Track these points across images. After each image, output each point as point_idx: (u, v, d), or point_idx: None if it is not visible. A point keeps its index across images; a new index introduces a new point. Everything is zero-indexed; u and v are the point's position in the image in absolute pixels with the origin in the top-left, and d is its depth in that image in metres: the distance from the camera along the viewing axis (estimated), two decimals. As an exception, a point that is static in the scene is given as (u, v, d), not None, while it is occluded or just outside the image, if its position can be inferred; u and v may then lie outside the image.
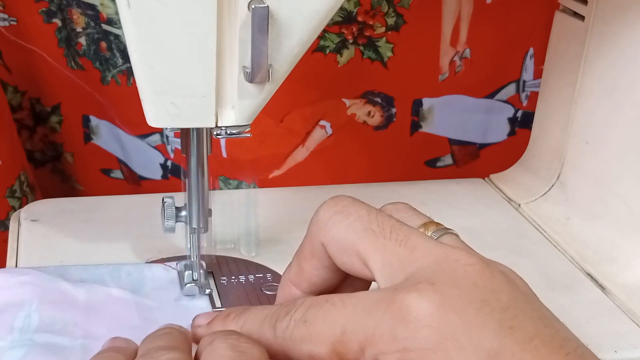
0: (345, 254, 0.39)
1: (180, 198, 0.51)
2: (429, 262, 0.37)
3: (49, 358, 0.45)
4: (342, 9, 0.73)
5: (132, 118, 0.80)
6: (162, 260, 0.56)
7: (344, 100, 0.80)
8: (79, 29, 0.75)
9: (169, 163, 0.83)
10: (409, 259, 0.37)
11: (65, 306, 0.49)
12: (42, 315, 0.48)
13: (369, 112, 0.81)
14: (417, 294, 0.35)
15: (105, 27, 0.74)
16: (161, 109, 0.43)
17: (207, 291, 0.52)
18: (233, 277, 0.54)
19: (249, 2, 0.41)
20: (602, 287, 0.57)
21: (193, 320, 0.45)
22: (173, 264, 0.55)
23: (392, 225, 0.39)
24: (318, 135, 0.81)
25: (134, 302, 0.51)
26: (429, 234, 0.40)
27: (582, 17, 0.62)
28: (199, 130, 0.48)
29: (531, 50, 0.82)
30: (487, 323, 0.34)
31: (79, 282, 0.52)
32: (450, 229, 0.41)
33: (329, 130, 0.81)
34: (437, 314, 0.34)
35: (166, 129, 0.79)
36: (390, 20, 0.76)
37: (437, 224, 0.41)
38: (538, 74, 0.81)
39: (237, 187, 0.82)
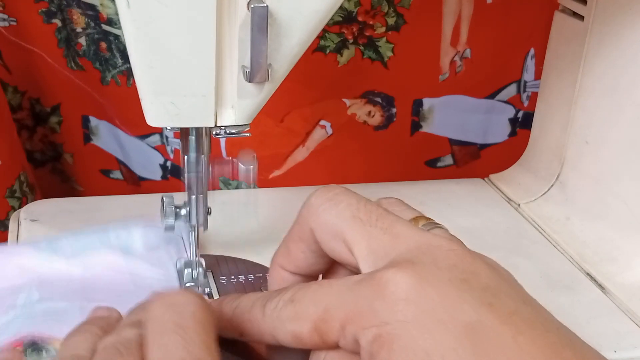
0: (332, 241, 0.40)
1: (179, 198, 0.51)
2: (411, 248, 0.37)
3: (49, 322, 0.47)
4: (342, 8, 0.73)
5: (132, 118, 0.80)
6: None
7: (344, 100, 0.80)
8: (78, 29, 0.75)
9: (168, 164, 0.83)
10: (392, 246, 0.38)
11: (63, 282, 0.51)
12: (42, 291, 0.50)
13: (369, 112, 0.81)
14: (395, 270, 0.35)
15: (105, 27, 0.74)
16: (161, 108, 0.43)
17: (207, 290, 0.52)
18: (233, 277, 0.54)
19: (249, 2, 0.41)
20: (601, 287, 0.57)
21: None
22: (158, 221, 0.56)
23: (378, 214, 0.39)
24: (318, 135, 0.81)
25: (128, 271, 0.52)
26: (418, 227, 0.40)
27: (581, 17, 0.62)
28: (198, 130, 0.48)
29: (532, 51, 0.82)
30: (466, 299, 0.34)
31: (72, 258, 0.53)
32: (439, 224, 0.41)
33: (329, 130, 0.81)
34: (414, 288, 0.34)
35: (166, 128, 0.79)
36: (391, 20, 0.75)
37: (428, 218, 0.41)
38: (539, 75, 0.81)
39: (237, 187, 0.82)
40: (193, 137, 0.48)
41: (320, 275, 0.45)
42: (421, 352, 0.33)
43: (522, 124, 0.85)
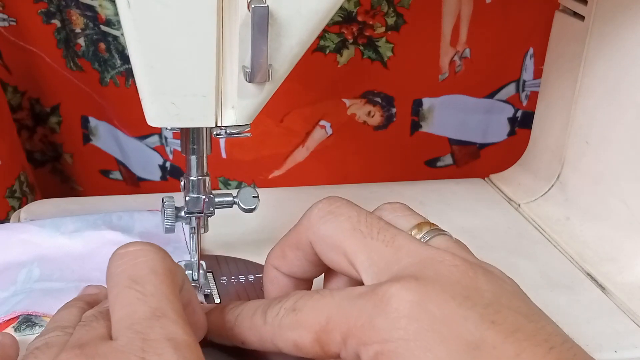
0: (332, 252, 0.40)
1: (179, 198, 0.51)
2: (414, 262, 0.37)
3: (45, 299, 0.48)
4: (342, 8, 0.73)
5: (131, 119, 0.80)
6: None
7: (344, 100, 0.80)
8: (77, 30, 0.75)
9: (167, 164, 0.83)
10: (395, 259, 0.38)
11: (63, 259, 0.53)
12: (43, 268, 0.52)
13: (369, 112, 0.81)
14: (399, 286, 0.35)
15: (103, 28, 0.74)
16: (161, 108, 0.43)
17: (207, 291, 0.52)
18: (233, 277, 0.54)
19: (249, 2, 0.41)
20: (602, 287, 0.57)
21: None
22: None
23: (380, 227, 0.39)
24: (318, 135, 0.81)
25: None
26: (422, 234, 0.40)
27: (582, 17, 0.62)
28: (198, 130, 0.48)
29: (531, 50, 0.82)
30: (469, 316, 0.34)
31: (74, 233, 0.56)
32: (444, 231, 0.41)
33: (329, 130, 0.81)
34: (417, 305, 0.34)
35: (166, 129, 0.79)
36: (390, 20, 0.75)
37: (432, 224, 0.41)
38: (538, 74, 0.81)
39: (237, 188, 0.82)
40: (193, 137, 0.48)
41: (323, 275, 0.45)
42: None
43: (521, 123, 0.85)
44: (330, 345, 0.37)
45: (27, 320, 0.47)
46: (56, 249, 0.55)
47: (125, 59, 0.75)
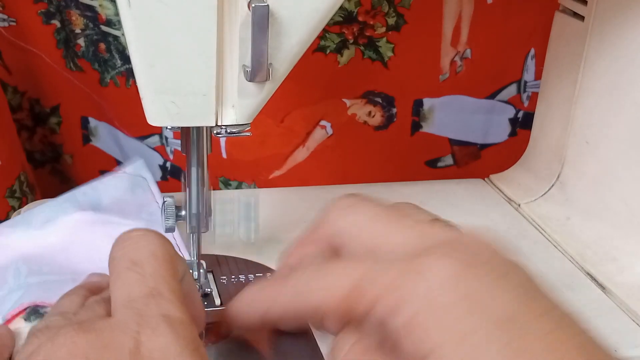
0: (354, 242, 0.40)
1: (180, 198, 0.51)
2: (445, 241, 0.38)
3: (45, 293, 0.49)
4: (342, 8, 0.73)
5: (131, 119, 0.80)
6: None
7: (344, 100, 0.80)
8: (77, 30, 0.75)
9: (168, 164, 0.83)
10: (420, 240, 0.38)
11: (46, 254, 0.53)
12: (29, 264, 0.52)
13: (370, 112, 0.81)
14: (439, 255, 0.36)
15: (104, 28, 0.74)
16: (161, 107, 0.43)
17: (207, 290, 0.52)
18: (233, 277, 0.54)
19: (249, 1, 0.41)
20: (602, 287, 0.57)
21: None
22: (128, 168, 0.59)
23: (399, 215, 0.41)
24: (319, 136, 0.81)
25: (101, 224, 0.54)
26: None
27: (582, 17, 0.62)
28: (199, 129, 0.48)
29: (532, 51, 0.82)
30: (500, 294, 0.35)
31: (47, 223, 0.55)
32: (456, 226, 0.41)
33: (330, 131, 0.81)
34: (455, 275, 0.35)
35: (166, 128, 0.78)
36: (391, 20, 0.75)
37: (444, 221, 0.41)
38: (539, 75, 0.81)
39: (237, 188, 0.82)
40: (193, 137, 0.48)
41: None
42: (457, 335, 0.33)
43: (522, 124, 0.85)
44: (360, 304, 0.36)
45: (35, 312, 0.47)
46: (35, 248, 0.54)
47: (126, 59, 0.75)
